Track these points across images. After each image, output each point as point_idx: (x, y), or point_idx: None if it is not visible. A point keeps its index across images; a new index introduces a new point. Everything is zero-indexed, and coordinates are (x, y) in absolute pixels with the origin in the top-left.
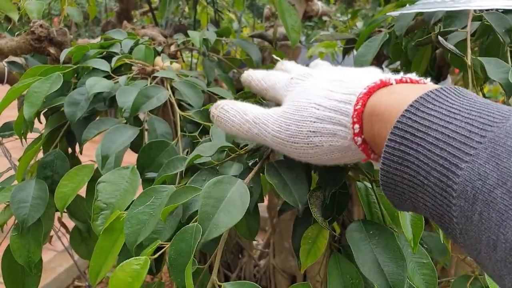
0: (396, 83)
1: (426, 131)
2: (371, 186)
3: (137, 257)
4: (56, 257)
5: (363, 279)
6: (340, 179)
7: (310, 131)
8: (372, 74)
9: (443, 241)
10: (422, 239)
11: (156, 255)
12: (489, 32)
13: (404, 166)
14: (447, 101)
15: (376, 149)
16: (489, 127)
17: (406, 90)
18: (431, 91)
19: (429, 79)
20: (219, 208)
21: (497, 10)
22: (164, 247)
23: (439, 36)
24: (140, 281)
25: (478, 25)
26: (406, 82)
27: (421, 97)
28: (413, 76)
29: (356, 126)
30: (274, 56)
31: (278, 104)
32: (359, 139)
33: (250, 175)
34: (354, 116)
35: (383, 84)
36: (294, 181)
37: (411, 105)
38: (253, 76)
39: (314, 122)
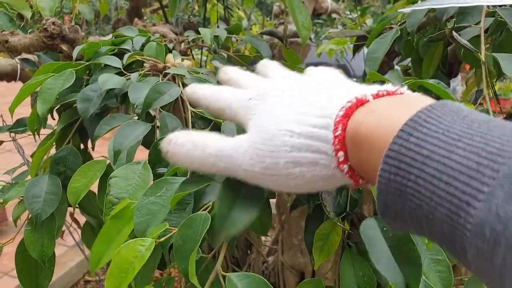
0: (373, 98)
1: (424, 162)
2: None
3: (143, 238)
4: (67, 252)
5: (375, 276)
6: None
7: (288, 162)
8: (342, 88)
9: None
10: None
11: (162, 239)
12: (502, 28)
13: (404, 198)
14: (442, 123)
15: (365, 175)
16: (499, 158)
17: (387, 107)
18: (420, 112)
19: (405, 87)
20: (234, 206)
21: (510, 6)
22: (172, 232)
23: (453, 31)
24: (142, 262)
25: (491, 21)
26: (383, 95)
27: (411, 119)
28: (389, 87)
29: (340, 153)
30: (214, 63)
31: (238, 124)
32: (345, 167)
33: None
34: (336, 143)
35: (360, 103)
36: None
37: (401, 130)
38: (200, 93)
39: (291, 151)
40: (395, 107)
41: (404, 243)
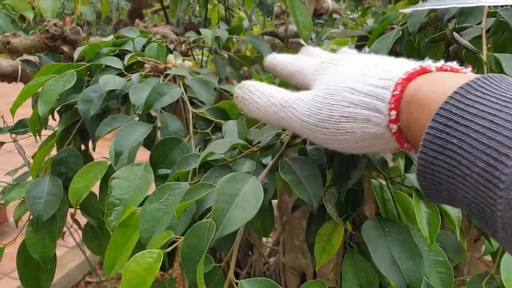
0: (437, 70)
1: (472, 119)
2: (385, 183)
3: (150, 250)
4: (68, 253)
5: (378, 276)
6: (354, 176)
7: (343, 116)
8: (409, 62)
9: (459, 239)
10: (437, 237)
11: (169, 249)
12: (503, 28)
13: (445, 155)
14: (496, 88)
15: (411, 138)
16: None
17: (447, 78)
18: (477, 78)
19: (469, 69)
20: (232, 204)
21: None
22: (177, 241)
23: (454, 32)
24: (153, 274)
25: (493, 21)
26: (447, 70)
27: (467, 83)
28: (454, 64)
29: (393, 112)
30: (300, 41)
31: (305, 89)
32: (394, 127)
33: (264, 172)
34: (392, 101)
35: (423, 71)
36: (308, 178)
37: (456, 92)
38: (278, 60)
39: (348, 106)
40: (456, 79)
41: (406, 244)
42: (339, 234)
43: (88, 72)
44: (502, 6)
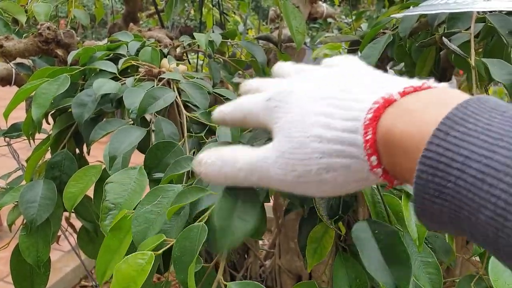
0: (401, 96)
1: (465, 162)
2: (375, 186)
3: (142, 252)
4: (63, 257)
5: (368, 278)
6: None
7: (321, 168)
8: (366, 85)
9: (448, 241)
10: (427, 239)
11: (160, 251)
12: (492, 34)
13: (443, 199)
14: (480, 120)
15: (400, 177)
16: None
17: (418, 106)
18: (456, 109)
19: (432, 79)
20: (232, 217)
21: (500, 12)
22: (170, 244)
23: (443, 37)
24: (144, 276)
25: (481, 26)
26: (410, 92)
27: (447, 118)
28: (414, 82)
29: (373, 158)
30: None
31: (264, 129)
32: (379, 171)
33: None
34: (368, 147)
35: (388, 103)
36: None
37: (438, 129)
38: (224, 111)
39: (321, 157)
40: (427, 105)
41: (395, 245)
42: (330, 236)
43: (83, 76)
44: (490, 12)
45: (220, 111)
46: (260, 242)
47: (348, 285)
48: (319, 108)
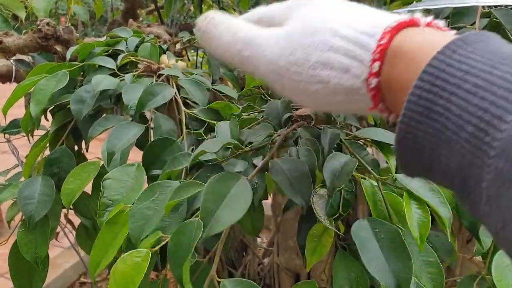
0: (425, 25)
1: (462, 77)
2: (376, 184)
3: (138, 250)
4: (63, 253)
5: (369, 277)
6: (345, 177)
7: (319, 62)
8: (394, 14)
9: (450, 240)
10: (428, 238)
11: (156, 248)
12: (498, 29)
13: (430, 118)
14: (490, 46)
15: (389, 97)
16: None
17: (437, 33)
18: (470, 33)
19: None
20: (221, 204)
21: (506, 6)
22: (167, 240)
23: None
24: (141, 273)
25: (486, 21)
26: (435, 27)
27: (459, 38)
28: (441, 23)
29: (376, 64)
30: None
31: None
32: (373, 81)
33: (254, 172)
34: (377, 51)
35: (412, 23)
36: (298, 179)
37: (446, 46)
38: (216, 19)
39: (327, 50)
40: (445, 34)
41: (396, 245)
42: (329, 235)
43: (81, 72)
44: (496, 7)
45: (208, 16)
46: (259, 240)
47: (348, 284)
48: (345, 9)
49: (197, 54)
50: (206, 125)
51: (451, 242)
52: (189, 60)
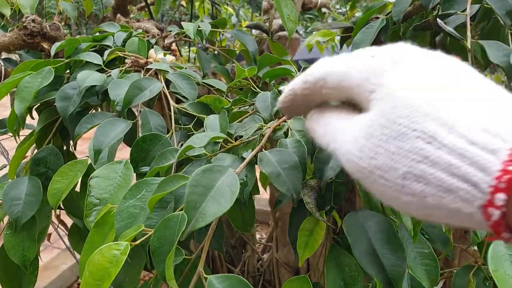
0: None
1: None
2: None
3: (117, 242)
4: (60, 255)
5: (363, 271)
6: (336, 169)
7: (411, 173)
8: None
9: (445, 231)
10: (423, 229)
11: (138, 242)
12: (489, 16)
13: None
14: None
15: None
16: None
17: None
18: None
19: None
20: (207, 197)
21: None
22: (149, 234)
23: (438, 19)
24: (118, 267)
25: (477, 8)
26: None
27: None
28: None
29: (501, 196)
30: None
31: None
32: (495, 212)
33: (242, 165)
34: (502, 179)
35: None
36: (288, 170)
37: None
38: (308, 77)
39: (420, 162)
40: None
41: (388, 237)
42: (321, 228)
43: (68, 69)
44: None
45: (304, 80)
46: (258, 236)
47: (341, 278)
48: (447, 98)
49: (189, 49)
50: (195, 119)
51: (447, 233)
52: (181, 55)
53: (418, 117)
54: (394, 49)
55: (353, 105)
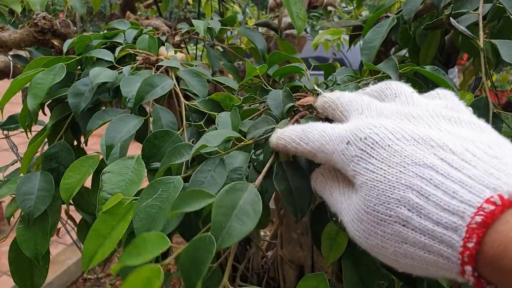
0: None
1: None
2: None
3: (149, 267)
4: (65, 250)
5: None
6: None
7: (398, 253)
8: (482, 164)
9: None
10: None
11: (167, 260)
12: (501, 15)
13: None
14: None
15: (498, 278)
16: None
17: None
18: None
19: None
20: (231, 216)
21: None
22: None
23: (450, 18)
24: None
25: (489, 7)
26: None
27: None
28: None
29: (468, 268)
30: (314, 87)
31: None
32: (471, 278)
33: (260, 177)
34: (465, 257)
35: (506, 206)
36: (300, 191)
37: None
38: (286, 138)
39: (402, 242)
40: None
41: None
42: (344, 235)
43: (79, 66)
44: None
45: (280, 137)
46: (262, 233)
47: (358, 275)
48: (410, 180)
49: (196, 47)
50: (206, 116)
51: None
52: (188, 53)
53: (392, 203)
54: (368, 134)
55: None
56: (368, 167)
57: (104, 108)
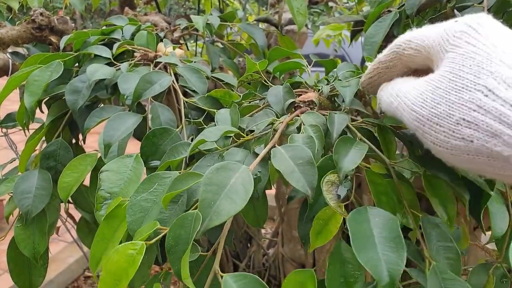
0: None
1: None
2: (385, 173)
3: (133, 242)
4: (67, 248)
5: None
6: (356, 161)
7: (464, 119)
8: None
9: (462, 228)
10: (439, 225)
11: (153, 240)
12: (506, 8)
13: None
14: None
15: None
16: None
17: None
18: None
19: None
20: (221, 195)
21: None
22: (165, 232)
23: (454, 11)
24: (135, 266)
25: (494, 0)
26: None
27: None
28: None
29: None
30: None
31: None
32: None
33: (256, 161)
34: None
35: None
36: (303, 166)
37: None
38: (400, 41)
39: (474, 110)
40: None
41: (392, 235)
42: (337, 220)
43: (77, 63)
44: None
45: (389, 48)
46: (263, 231)
47: (342, 275)
48: (507, 59)
49: (196, 43)
50: (205, 113)
51: (463, 229)
52: (187, 49)
53: (484, 74)
54: (476, 18)
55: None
56: (470, 41)
57: (102, 105)
